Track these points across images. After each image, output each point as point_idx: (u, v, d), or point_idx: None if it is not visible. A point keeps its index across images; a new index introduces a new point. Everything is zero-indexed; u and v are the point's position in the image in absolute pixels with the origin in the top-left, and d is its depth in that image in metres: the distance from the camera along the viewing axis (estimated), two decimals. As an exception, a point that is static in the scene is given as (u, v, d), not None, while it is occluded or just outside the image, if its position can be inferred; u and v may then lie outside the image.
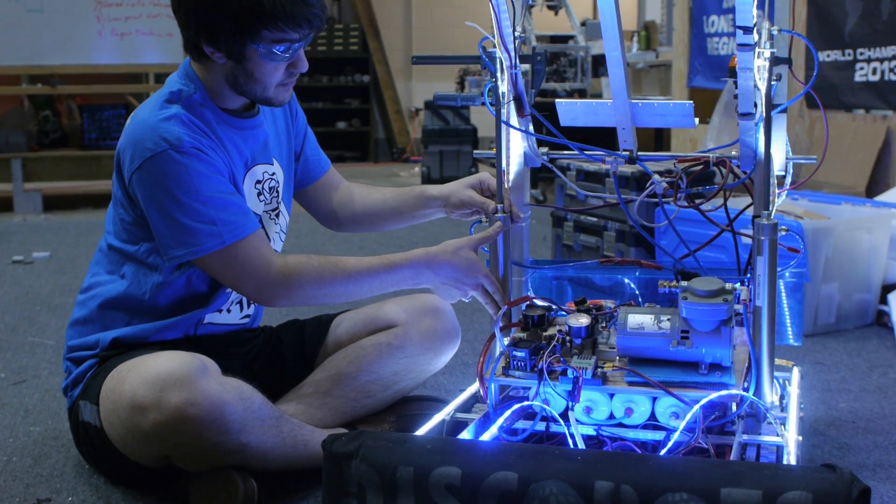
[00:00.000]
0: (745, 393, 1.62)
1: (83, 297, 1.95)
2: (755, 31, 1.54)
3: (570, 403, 1.64)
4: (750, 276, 1.75)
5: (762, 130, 1.63)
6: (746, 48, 1.54)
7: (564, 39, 7.62)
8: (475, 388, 1.86)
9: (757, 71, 1.59)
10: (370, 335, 2.08)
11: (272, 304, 1.83)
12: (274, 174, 1.98)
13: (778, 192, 1.74)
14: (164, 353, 1.75)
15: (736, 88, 1.62)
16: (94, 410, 1.81)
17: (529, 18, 6.58)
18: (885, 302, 3.14)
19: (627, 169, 3.37)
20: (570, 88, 7.05)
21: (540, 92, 1.90)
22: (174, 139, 1.75)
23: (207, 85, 1.86)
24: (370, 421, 2.04)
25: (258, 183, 1.93)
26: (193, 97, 1.84)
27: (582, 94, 7.11)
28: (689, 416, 1.58)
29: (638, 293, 2.06)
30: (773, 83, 1.61)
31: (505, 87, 1.82)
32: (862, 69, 4.59)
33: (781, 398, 1.85)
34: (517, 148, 1.95)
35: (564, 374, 1.63)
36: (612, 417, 1.67)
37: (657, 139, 6.65)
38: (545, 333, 1.72)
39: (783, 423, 1.70)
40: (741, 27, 1.51)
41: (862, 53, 4.58)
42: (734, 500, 1.30)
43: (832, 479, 1.30)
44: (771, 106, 1.62)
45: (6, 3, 6.02)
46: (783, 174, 1.75)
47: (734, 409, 1.64)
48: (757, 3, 1.52)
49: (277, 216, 2.00)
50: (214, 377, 1.71)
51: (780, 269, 1.70)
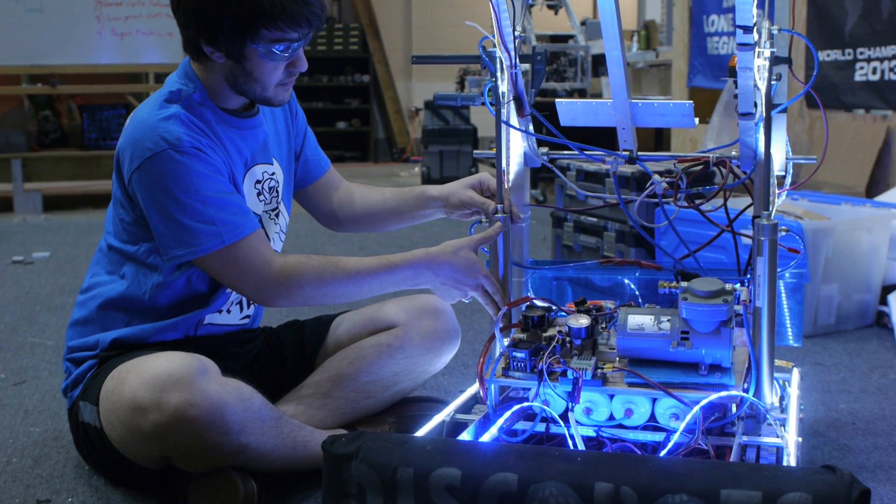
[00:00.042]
0: (744, 394, 1.62)
1: (83, 297, 1.95)
2: (755, 30, 1.53)
3: (569, 404, 1.64)
4: (750, 276, 1.75)
5: (762, 130, 1.63)
6: (746, 48, 1.54)
7: (564, 39, 7.62)
8: (475, 389, 1.86)
9: (757, 70, 1.58)
10: (370, 336, 2.08)
11: (272, 304, 1.82)
12: (274, 174, 1.98)
13: (778, 192, 1.74)
14: (163, 353, 1.75)
15: (736, 88, 1.61)
16: (94, 411, 1.80)
17: (529, 18, 6.58)
18: (885, 303, 3.14)
19: (627, 169, 3.37)
20: (570, 88, 7.05)
21: (540, 92, 1.90)
22: (174, 139, 1.75)
23: (207, 85, 1.85)
24: (370, 422, 2.04)
25: (258, 183, 1.93)
26: (193, 97, 1.84)
27: (582, 93, 7.11)
28: (688, 417, 1.58)
29: (638, 294, 2.06)
30: (773, 83, 1.61)
31: (505, 86, 1.81)
32: (862, 69, 4.58)
33: (781, 399, 1.85)
34: (517, 148, 1.95)
35: (564, 374, 1.63)
36: (612, 418, 1.67)
37: (657, 139, 6.65)
38: (545, 334, 1.72)
39: (783, 424, 1.70)
40: (741, 26, 1.51)
41: (862, 53, 4.58)
42: (734, 501, 1.30)
43: (832, 480, 1.30)
44: (771, 106, 1.61)
45: (6, 2, 6.01)
46: (783, 174, 1.75)
47: (734, 410, 1.64)
48: (757, 2, 1.52)
49: (277, 216, 2.00)
50: (214, 378, 1.71)
51: (780, 269, 1.69)
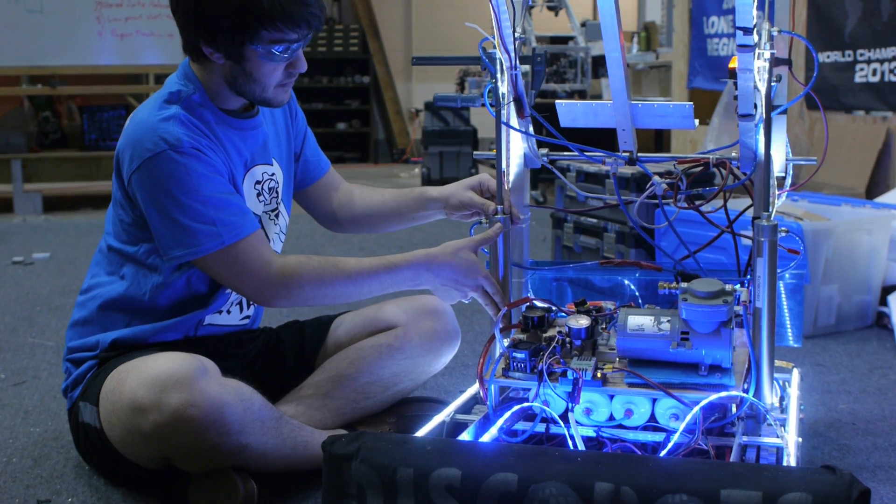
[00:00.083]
0: (744, 394, 1.62)
1: (83, 298, 1.95)
2: (755, 32, 1.53)
3: (569, 405, 1.64)
4: (750, 277, 1.75)
5: (762, 132, 1.63)
6: (746, 49, 1.54)
7: (564, 40, 7.62)
8: (475, 389, 1.86)
9: (757, 72, 1.58)
10: (370, 336, 2.08)
11: (272, 304, 1.83)
12: (273, 175, 1.98)
13: (778, 193, 1.74)
14: (163, 354, 1.75)
15: (736, 89, 1.61)
16: (94, 411, 1.80)
17: (529, 19, 6.58)
18: (884, 303, 3.14)
19: (627, 170, 3.37)
20: (570, 89, 7.06)
21: (540, 93, 1.90)
22: (173, 139, 1.75)
23: (206, 85, 1.86)
24: (370, 422, 2.04)
25: (258, 183, 1.93)
26: (192, 97, 1.84)
27: (582, 95, 7.12)
28: (688, 417, 1.58)
29: (638, 294, 2.06)
30: (772, 84, 1.61)
31: (505, 88, 1.81)
32: (862, 70, 4.59)
33: (781, 400, 1.85)
34: (517, 149, 1.95)
35: (564, 375, 1.63)
36: (611, 419, 1.67)
37: (657, 140, 6.66)
38: (545, 335, 1.72)
39: (783, 424, 1.70)
40: (741, 28, 1.51)
41: (862, 54, 4.58)
42: (734, 501, 1.30)
43: (832, 480, 1.30)
44: (771, 107, 1.61)
45: (6, 3, 6.01)
46: (783, 175, 1.75)
47: (734, 410, 1.64)
48: (757, 4, 1.52)
49: (277, 217, 2.00)
50: (214, 378, 1.71)
51: (779, 270, 1.69)
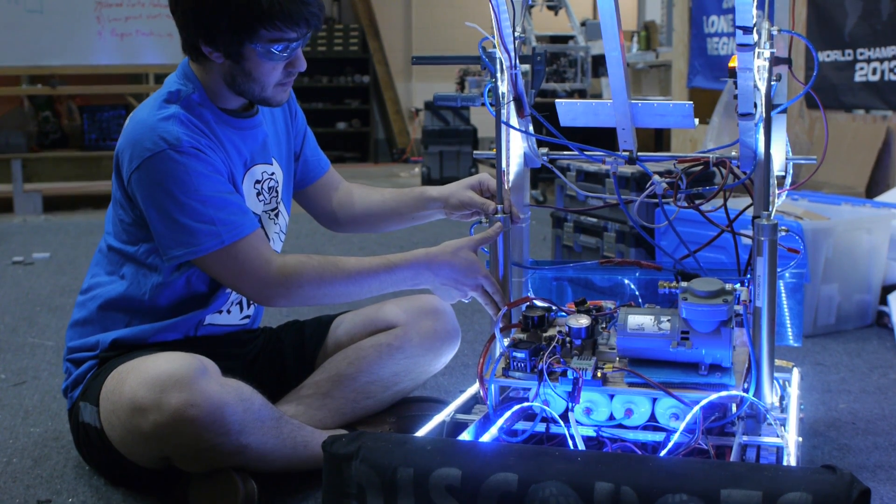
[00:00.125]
0: (744, 394, 1.62)
1: (83, 298, 1.95)
2: (755, 31, 1.53)
3: (570, 404, 1.64)
4: (750, 276, 1.75)
5: (762, 131, 1.63)
6: (746, 48, 1.54)
7: (564, 40, 7.62)
8: (475, 389, 1.86)
9: (757, 71, 1.58)
10: (370, 336, 2.08)
11: (271, 304, 1.82)
12: (273, 174, 1.98)
13: (778, 192, 1.74)
14: (163, 354, 1.75)
15: (736, 89, 1.61)
16: (94, 411, 1.80)
17: (529, 19, 6.58)
18: (885, 303, 3.14)
19: (627, 169, 3.37)
20: (570, 89, 7.05)
21: (540, 92, 1.90)
22: (173, 139, 1.75)
23: (206, 85, 1.86)
24: (370, 422, 2.04)
25: (257, 183, 1.93)
26: (192, 97, 1.84)
27: (582, 94, 7.11)
28: (689, 417, 1.58)
29: (638, 294, 2.06)
30: (772, 83, 1.61)
31: (505, 87, 1.81)
32: (862, 69, 4.58)
33: (781, 399, 1.85)
34: (517, 148, 1.95)
35: (564, 375, 1.63)
36: (612, 418, 1.67)
37: (657, 139, 6.65)
38: (545, 334, 1.72)
39: (783, 424, 1.70)
40: (741, 27, 1.51)
41: (862, 53, 4.58)
42: (734, 501, 1.30)
43: (832, 480, 1.30)
44: (771, 106, 1.61)
45: (6, 3, 6.01)
46: (783, 174, 1.75)
47: (734, 410, 1.64)
48: (757, 3, 1.52)
49: (277, 216, 2.00)
50: (214, 378, 1.71)
51: (779, 269, 1.69)
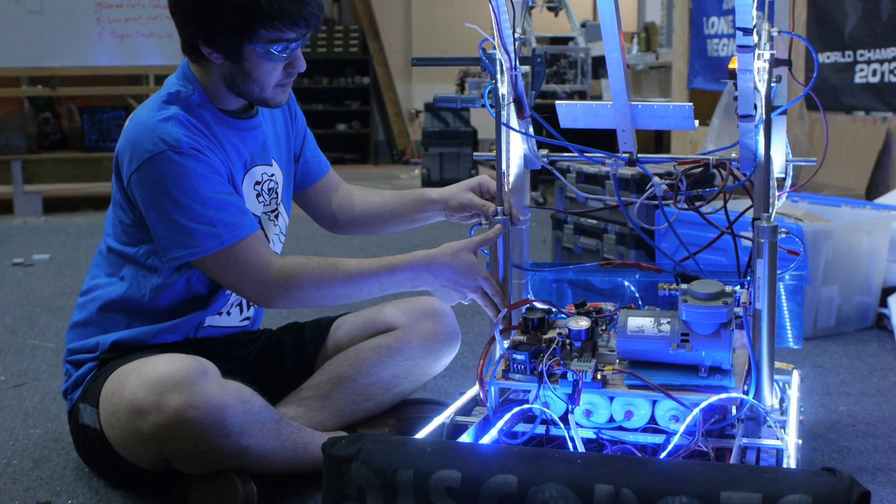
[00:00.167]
0: (744, 396, 1.62)
1: (83, 299, 1.95)
2: (755, 32, 1.53)
3: (569, 406, 1.64)
4: (750, 278, 1.75)
5: (762, 132, 1.63)
6: (746, 50, 1.54)
7: (564, 41, 7.62)
8: (475, 391, 1.86)
9: (757, 73, 1.58)
10: (370, 338, 2.08)
11: (271, 305, 1.82)
12: (273, 175, 1.98)
13: (778, 194, 1.74)
14: (163, 355, 1.75)
15: (736, 90, 1.61)
16: (93, 413, 1.80)
17: (529, 20, 6.58)
18: (885, 305, 3.14)
19: (627, 171, 3.37)
20: (570, 90, 7.05)
21: (540, 94, 1.90)
22: (172, 140, 1.75)
23: (205, 86, 1.86)
24: (370, 424, 2.04)
25: (257, 184, 1.93)
26: (192, 98, 1.84)
27: (582, 95, 7.12)
28: (688, 419, 1.57)
29: (638, 296, 2.06)
30: (772, 85, 1.61)
31: (505, 88, 1.81)
32: (862, 71, 4.59)
33: (781, 401, 1.85)
34: (517, 150, 1.95)
35: (564, 377, 1.63)
36: (611, 420, 1.67)
37: (657, 141, 6.66)
38: (545, 336, 1.72)
39: (783, 426, 1.70)
40: (741, 29, 1.51)
41: (862, 55, 4.58)
42: (734, 503, 1.30)
43: (832, 482, 1.30)
44: (771, 108, 1.61)
45: (6, 4, 6.02)
46: (783, 176, 1.75)
47: (734, 412, 1.64)
48: (757, 4, 1.52)
49: (276, 217, 2.00)
50: (214, 380, 1.71)
51: (779, 271, 1.69)
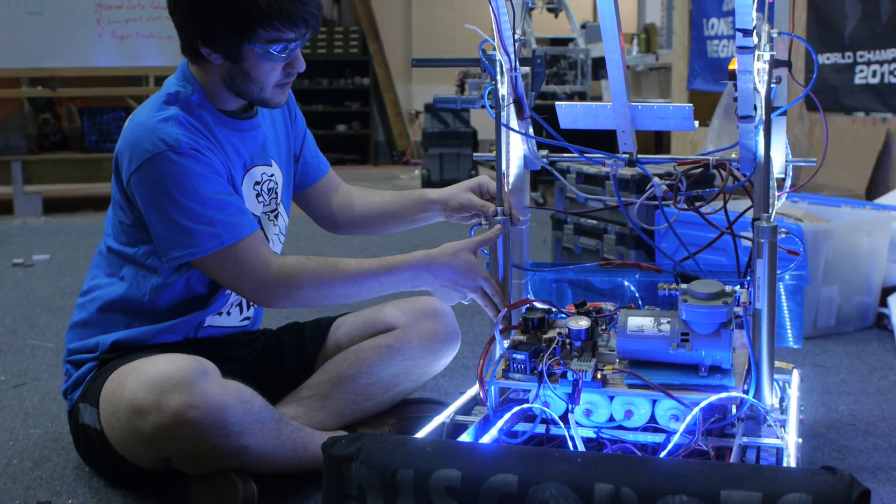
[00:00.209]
0: (744, 395, 1.62)
1: (83, 299, 1.95)
2: (755, 33, 1.54)
3: (569, 406, 1.64)
4: (750, 278, 1.75)
5: (762, 133, 1.63)
6: (746, 51, 1.54)
7: (564, 42, 7.62)
8: (475, 390, 1.86)
9: (756, 74, 1.59)
10: (370, 338, 2.08)
11: (271, 305, 1.83)
12: (273, 176, 1.98)
13: (778, 194, 1.74)
14: (163, 355, 1.75)
15: (735, 91, 1.62)
16: (94, 413, 1.80)
17: (529, 21, 6.59)
18: (884, 304, 3.14)
19: (627, 172, 3.37)
20: (569, 91, 7.06)
21: (540, 94, 1.90)
22: (172, 140, 1.75)
23: (205, 86, 1.86)
24: (370, 423, 2.04)
25: (257, 184, 1.94)
26: (191, 98, 1.84)
27: (582, 96, 7.12)
28: (688, 418, 1.58)
29: (638, 296, 2.06)
30: (772, 86, 1.61)
31: (505, 89, 1.82)
32: (862, 72, 4.59)
33: (781, 401, 1.85)
34: (517, 151, 1.95)
35: (564, 376, 1.63)
36: (611, 420, 1.67)
37: (657, 142, 6.66)
38: (545, 336, 1.72)
39: (783, 425, 1.70)
40: (741, 30, 1.51)
41: (862, 56, 4.58)
42: (734, 502, 1.30)
43: (832, 481, 1.30)
44: (770, 109, 1.61)
45: (6, 5, 6.02)
46: (783, 177, 1.75)
47: (734, 411, 1.64)
48: (757, 5, 1.52)
49: (276, 218, 2.00)
50: (214, 380, 1.71)
51: (779, 271, 1.69)
